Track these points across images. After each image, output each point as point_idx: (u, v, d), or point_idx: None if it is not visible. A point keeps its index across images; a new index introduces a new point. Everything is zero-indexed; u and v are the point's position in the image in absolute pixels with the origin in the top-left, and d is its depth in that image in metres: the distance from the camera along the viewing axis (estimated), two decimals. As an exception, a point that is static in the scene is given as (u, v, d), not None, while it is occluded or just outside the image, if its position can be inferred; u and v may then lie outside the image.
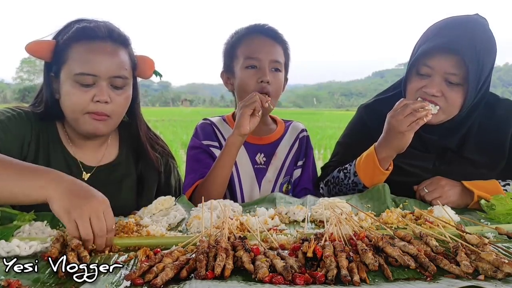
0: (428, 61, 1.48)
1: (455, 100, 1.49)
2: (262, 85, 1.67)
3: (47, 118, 1.48)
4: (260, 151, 1.83)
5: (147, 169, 1.63)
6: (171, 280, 0.82)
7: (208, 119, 1.88)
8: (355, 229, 1.05)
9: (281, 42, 1.76)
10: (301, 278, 0.81)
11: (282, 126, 1.91)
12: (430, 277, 0.85)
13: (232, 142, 1.58)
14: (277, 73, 1.72)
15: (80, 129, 1.44)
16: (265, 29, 1.76)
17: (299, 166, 1.86)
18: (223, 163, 1.60)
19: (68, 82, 1.38)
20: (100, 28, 1.40)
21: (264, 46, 1.71)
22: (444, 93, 1.48)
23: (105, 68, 1.38)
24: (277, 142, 1.86)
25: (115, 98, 1.42)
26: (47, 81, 1.46)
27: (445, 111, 1.51)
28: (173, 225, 1.26)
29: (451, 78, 1.46)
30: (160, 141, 1.75)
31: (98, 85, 1.38)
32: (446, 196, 1.49)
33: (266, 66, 1.68)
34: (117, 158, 1.60)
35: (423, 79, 1.50)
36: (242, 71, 1.71)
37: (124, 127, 1.62)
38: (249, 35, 1.76)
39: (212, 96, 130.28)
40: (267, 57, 1.69)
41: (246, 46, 1.73)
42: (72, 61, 1.38)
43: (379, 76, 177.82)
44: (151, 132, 1.72)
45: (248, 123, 1.53)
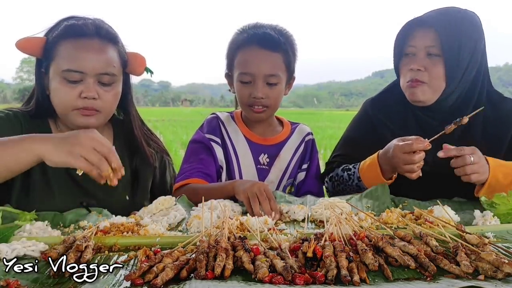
0: (410, 41, 1.60)
1: (437, 72, 1.56)
2: (255, 101, 1.66)
3: (38, 115, 1.49)
4: (264, 151, 1.81)
5: (141, 165, 1.63)
6: (171, 280, 0.82)
7: (216, 114, 1.87)
8: (355, 229, 1.05)
9: (280, 50, 1.67)
10: (301, 278, 0.81)
11: (288, 128, 1.89)
12: (430, 277, 0.85)
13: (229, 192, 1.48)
14: (273, 87, 1.68)
15: (71, 124, 1.46)
16: (261, 38, 1.67)
17: (304, 170, 1.84)
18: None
19: (56, 79, 1.40)
20: (87, 26, 1.41)
21: (259, 59, 1.65)
22: (427, 67, 1.57)
23: (92, 65, 1.39)
24: (282, 143, 1.83)
25: (103, 95, 1.43)
26: (38, 77, 1.48)
27: (431, 86, 1.58)
28: (173, 225, 1.26)
29: (431, 50, 1.56)
30: (155, 137, 1.76)
31: (85, 81, 1.39)
32: (483, 173, 1.42)
33: (259, 82, 1.64)
34: None
35: (410, 59, 1.60)
36: (237, 84, 1.70)
37: (117, 123, 1.63)
38: (245, 46, 1.70)
39: (212, 96, 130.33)
40: (261, 71, 1.64)
41: (241, 59, 1.69)
42: (60, 58, 1.39)
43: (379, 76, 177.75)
44: (145, 127, 1.72)
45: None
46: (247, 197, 1.36)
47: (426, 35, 1.56)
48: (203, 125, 1.83)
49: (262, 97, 1.66)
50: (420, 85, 1.58)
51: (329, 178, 1.79)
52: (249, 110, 1.72)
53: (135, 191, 1.60)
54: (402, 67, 1.66)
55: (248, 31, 1.73)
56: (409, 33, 1.60)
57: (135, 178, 1.62)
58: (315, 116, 32.08)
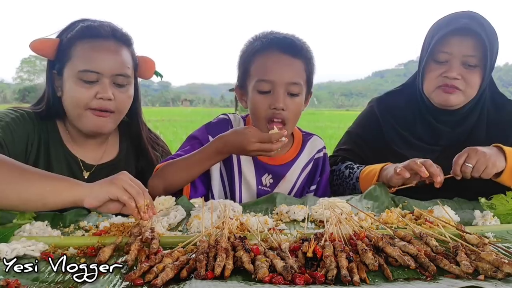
0: (445, 48, 1.56)
1: (474, 82, 1.57)
2: (275, 112, 1.47)
3: (48, 116, 1.50)
4: (268, 171, 1.63)
5: (147, 168, 1.64)
6: (171, 280, 0.82)
7: (228, 116, 1.68)
8: (355, 229, 1.05)
9: (301, 57, 1.51)
10: (301, 278, 0.81)
11: (299, 142, 1.70)
12: (430, 277, 0.85)
13: (219, 151, 1.43)
14: (294, 98, 1.49)
15: (82, 126, 1.46)
16: (282, 42, 1.50)
17: (312, 191, 1.68)
18: (196, 162, 1.44)
19: (72, 79, 1.41)
20: (104, 27, 1.43)
21: (280, 65, 1.47)
22: (463, 75, 1.56)
23: (108, 65, 1.40)
24: (290, 164, 1.65)
25: (118, 96, 1.44)
26: (50, 78, 1.48)
27: (465, 94, 1.59)
28: (173, 225, 1.26)
29: (469, 60, 1.55)
30: (161, 142, 1.77)
31: (101, 82, 1.41)
32: (492, 164, 1.41)
33: (280, 91, 1.46)
34: (117, 157, 1.61)
35: (442, 66, 1.58)
36: (254, 94, 1.50)
37: (124, 126, 1.63)
38: (263, 50, 1.51)
39: (212, 96, 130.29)
40: (282, 79, 1.46)
41: (259, 65, 1.50)
42: (76, 59, 1.40)
43: (379, 76, 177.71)
44: (151, 133, 1.75)
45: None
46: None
47: (463, 43, 1.54)
48: (210, 123, 1.66)
49: (283, 108, 1.47)
50: (456, 92, 1.58)
51: (330, 171, 1.78)
52: (265, 127, 1.49)
53: None
54: (430, 72, 1.62)
55: (265, 37, 1.55)
56: (443, 39, 1.56)
57: (140, 180, 1.62)
58: (315, 116, 32.02)
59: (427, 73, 1.63)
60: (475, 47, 1.53)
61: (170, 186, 1.44)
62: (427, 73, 1.64)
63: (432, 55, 1.60)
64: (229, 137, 1.42)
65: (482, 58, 1.54)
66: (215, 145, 1.44)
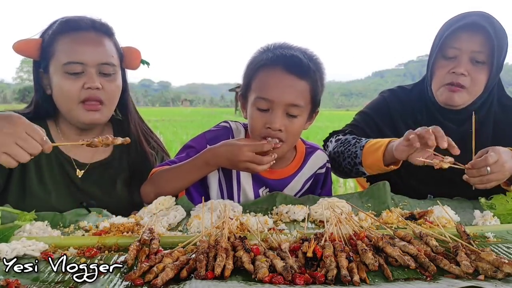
0: (455, 43, 1.57)
1: (480, 80, 1.57)
2: (270, 132, 1.41)
3: (37, 117, 1.49)
4: (265, 185, 1.58)
5: (140, 162, 1.64)
6: (171, 280, 0.82)
7: (229, 125, 1.62)
8: (355, 229, 1.05)
9: (307, 78, 1.43)
10: (301, 278, 0.81)
11: (301, 156, 1.63)
12: (430, 277, 0.85)
13: (207, 162, 1.41)
14: (293, 119, 1.43)
15: (75, 121, 1.47)
16: (288, 61, 1.42)
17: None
18: (186, 172, 1.44)
19: (58, 74, 1.42)
20: (83, 20, 1.45)
21: (282, 85, 1.40)
22: (470, 73, 1.56)
23: (91, 56, 1.42)
24: (289, 178, 1.59)
25: (106, 85, 1.45)
26: (37, 78, 1.49)
27: (470, 92, 1.59)
28: (173, 225, 1.26)
29: (477, 56, 1.55)
30: (155, 136, 1.77)
31: (87, 73, 1.42)
32: (505, 176, 1.36)
33: (279, 111, 1.40)
34: (111, 155, 1.61)
35: (450, 62, 1.59)
36: (253, 109, 1.45)
37: (117, 123, 1.63)
38: (267, 66, 1.44)
39: (212, 96, 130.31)
40: (282, 99, 1.39)
41: (260, 81, 1.44)
42: (59, 53, 1.42)
43: (379, 76, 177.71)
44: (145, 124, 1.74)
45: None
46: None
47: (472, 39, 1.54)
48: (210, 131, 1.61)
49: (280, 129, 1.41)
50: (459, 90, 1.58)
51: (335, 139, 1.73)
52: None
53: (133, 188, 1.60)
54: (439, 68, 1.62)
55: (274, 51, 1.47)
56: (452, 35, 1.57)
57: (134, 177, 1.62)
58: (315, 116, 31.94)
59: (436, 70, 1.64)
60: (483, 44, 1.54)
61: (160, 194, 1.41)
62: (436, 70, 1.64)
63: (442, 51, 1.61)
64: (220, 148, 1.41)
65: (490, 55, 1.54)
66: (204, 157, 1.43)
